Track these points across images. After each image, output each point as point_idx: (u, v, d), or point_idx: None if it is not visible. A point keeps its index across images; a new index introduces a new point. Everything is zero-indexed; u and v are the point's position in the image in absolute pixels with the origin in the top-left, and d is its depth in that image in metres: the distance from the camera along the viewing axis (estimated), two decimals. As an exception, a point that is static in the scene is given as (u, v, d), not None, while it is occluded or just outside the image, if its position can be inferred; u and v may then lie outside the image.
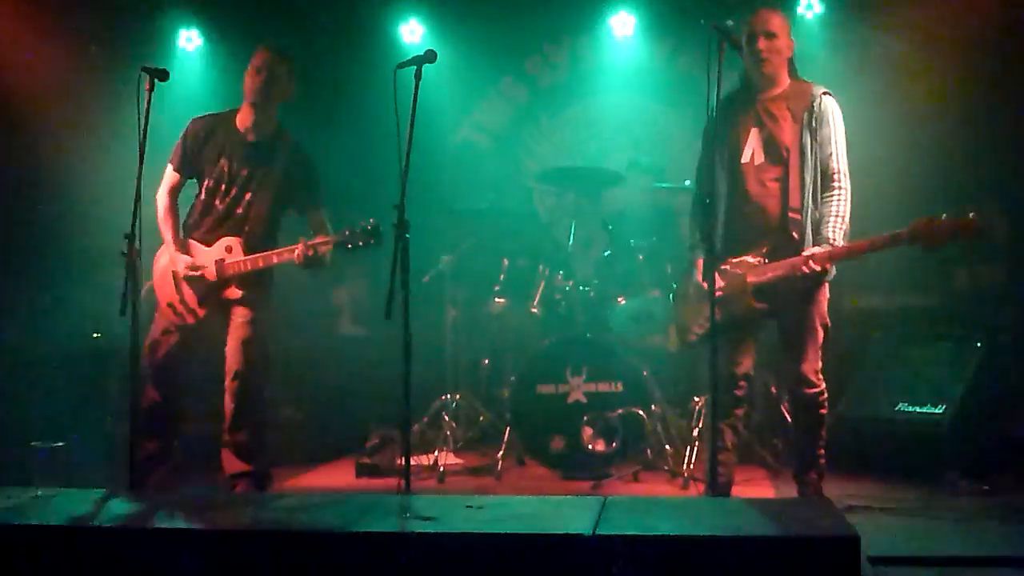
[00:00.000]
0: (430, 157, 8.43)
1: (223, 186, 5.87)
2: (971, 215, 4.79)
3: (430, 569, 3.84)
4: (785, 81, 5.40)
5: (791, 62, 5.44)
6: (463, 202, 7.98)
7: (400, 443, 5.15)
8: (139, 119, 5.32)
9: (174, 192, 5.97)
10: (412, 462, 5.03)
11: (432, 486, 6.43)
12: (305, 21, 8.66)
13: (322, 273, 6.13)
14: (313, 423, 7.70)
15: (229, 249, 5.82)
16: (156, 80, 5.37)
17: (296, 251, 5.71)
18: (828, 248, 5.11)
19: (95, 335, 7.18)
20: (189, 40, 8.69)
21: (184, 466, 6.17)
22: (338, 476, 6.93)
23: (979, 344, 6.55)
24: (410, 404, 4.94)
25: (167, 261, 5.86)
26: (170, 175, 5.97)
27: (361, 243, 5.66)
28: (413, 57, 5.03)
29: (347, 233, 5.68)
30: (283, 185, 5.91)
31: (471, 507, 4.39)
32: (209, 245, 5.86)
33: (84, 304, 7.28)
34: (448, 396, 7.35)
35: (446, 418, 7.20)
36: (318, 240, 5.75)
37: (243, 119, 5.93)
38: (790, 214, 5.24)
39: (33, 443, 5.83)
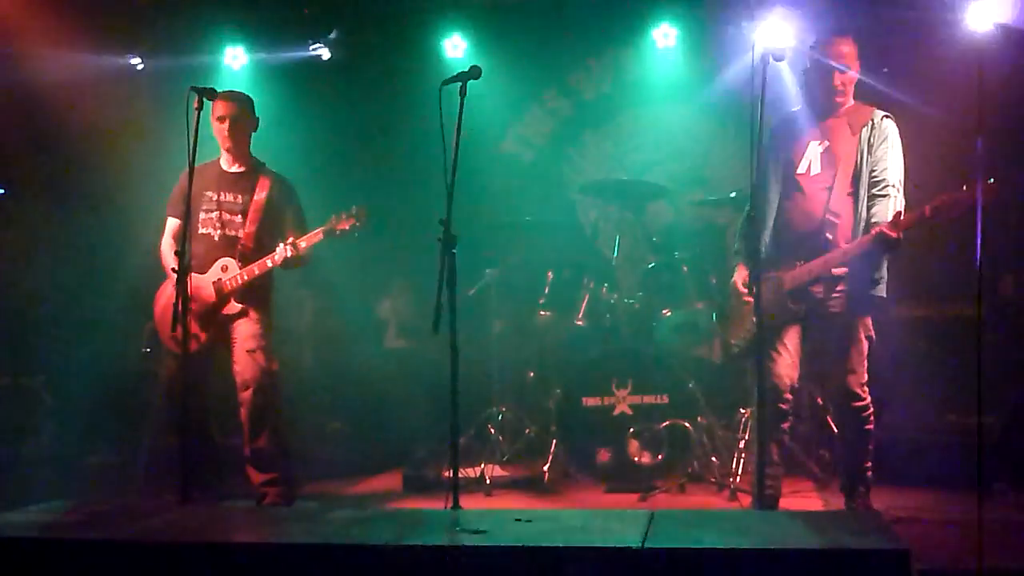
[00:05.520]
0: (474, 171, 8.52)
1: (215, 214, 6.11)
2: (991, 180, 4.82)
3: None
4: (850, 102, 5.43)
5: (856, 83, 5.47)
6: (508, 215, 8.01)
7: (447, 455, 5.18)
8: (188, 137, 5.43)
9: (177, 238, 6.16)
10: (459, 474, 5.07)
11: (479, 498, 6.46)
12: (349, 37, 8.74)
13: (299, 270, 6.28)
14: (360, 436, 7.76)
15: (224, 268, 6.07)
16: (204, 99, 5.50)
17: (287, 247, 5.94)
18: (841, 248, 5.19)
19: (145, 349, 7.26)
20: (235, 58, 8.77)
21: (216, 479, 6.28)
22: (386, 488, 6.97)
23: (1027, 353, 6.51)
24: (457, 416, 4.98)
25: (167, 297, 6.02)
26: (171, 224, 6.24)
27: (348, 228, 5.92)
28: (458, 73, 5.09)
29: (333, 220, 5.95)
30: (268, 208, 6.15)
31: (520, 520, 4.42)
32: (204, 272, 6.06)
33: (134, 319, 7.37)
34: (494, 408, 7.38)
35: (492, 430, 7.22)
36: (309, 235, 5.98)
37: (224, 160, 6.23)
38: (828, 216, 5.28)
39: (89, 458, 5.93)
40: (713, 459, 6.53)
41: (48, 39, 7.70)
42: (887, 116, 5.35)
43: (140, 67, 8.59)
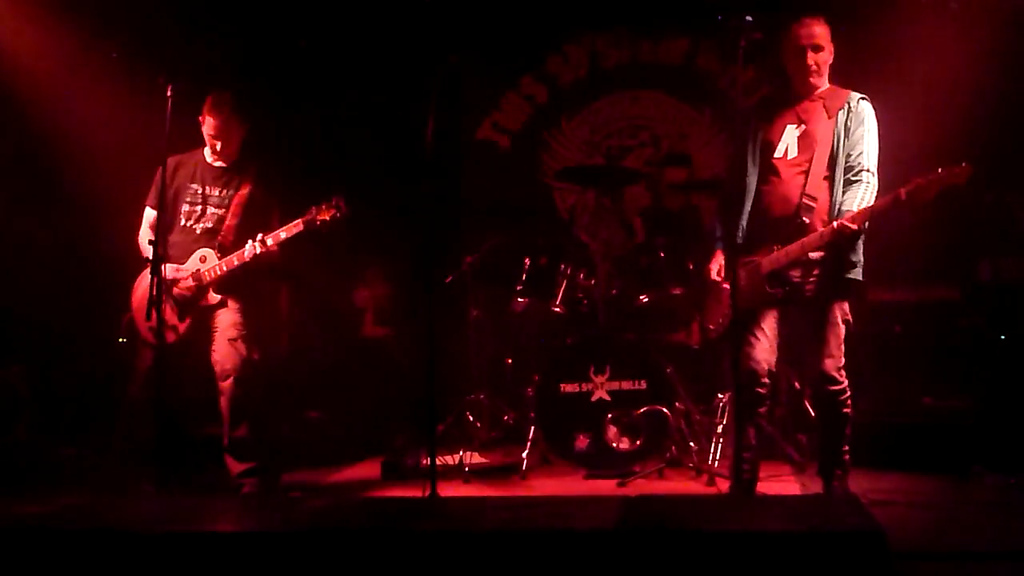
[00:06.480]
0: (450, 157, 8.52)
1: (197, 207, 6.09)
2: (963, 164, 4.80)
3: (457, 568, 3.86)
4: (825, 84, 5.42)
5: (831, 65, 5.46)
6: (484, 202, 8.00)
7: (425, 443, 5.17)
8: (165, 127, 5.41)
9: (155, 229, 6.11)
10: (437, 462, 5.06)
11: (458, 485, 6.45)
12: (324, 20, 8.68)
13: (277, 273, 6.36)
14: (338, 424, 7.73)
15: (203, 259, 6.03)
16: (177, 88, 5.48)
17: (255, 244, 5.90)
18: (818, 231, 5.15)
19: (121, 340, 7.22)
20: (212, 45, 8.70)
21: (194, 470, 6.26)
22: (364, 477, 6.96)
23: (1003, 336, 6.52)
24: (435, 404, 4.97)
25: (144, 287, 5.93)
26: (149, 214, 6.18)
27: (328, 219, 5.87)
28: (435, 65, 5.08)
29: (313, 211, 5.89)
30: (251, 204, 6.12)
31: (497, 506, 4.41)
32: (183, 263, 6.03)
33: (111, 310, 7.33)
34: (472, 396, 7.37)
35: (470, 418, 7.21)
36: (287, 226, 5.92)
37: (209, 153, 6.18)
38: (805, 200, 5.26)
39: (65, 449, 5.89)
40: (691, 444, 6.53)
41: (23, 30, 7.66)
42: (864, 98, 5.34)
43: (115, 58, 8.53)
